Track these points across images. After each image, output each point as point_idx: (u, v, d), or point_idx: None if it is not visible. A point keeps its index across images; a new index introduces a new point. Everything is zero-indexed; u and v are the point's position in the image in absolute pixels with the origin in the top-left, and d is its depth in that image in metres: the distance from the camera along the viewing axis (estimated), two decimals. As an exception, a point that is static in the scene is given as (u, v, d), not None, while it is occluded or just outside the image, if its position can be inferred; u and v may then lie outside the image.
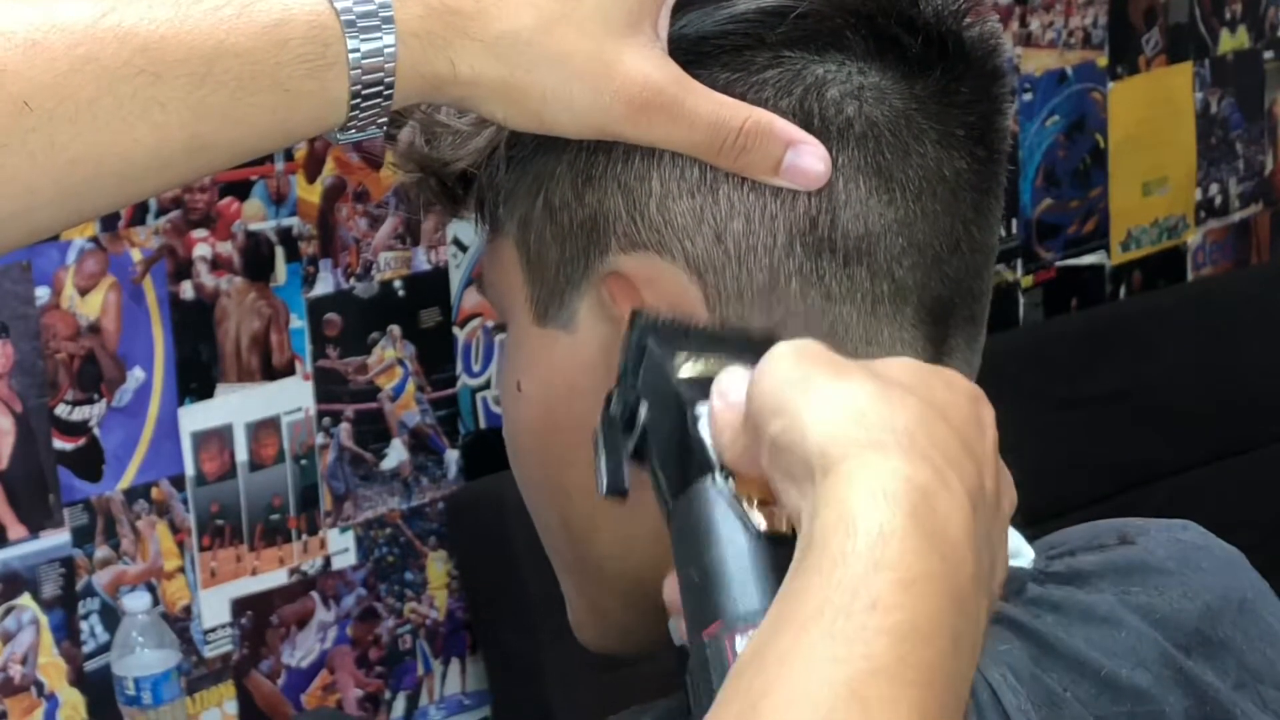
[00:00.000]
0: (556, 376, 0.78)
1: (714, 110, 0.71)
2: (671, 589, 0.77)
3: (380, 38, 0.68)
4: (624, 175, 0.75)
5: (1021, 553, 0.82)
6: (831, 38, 0.75)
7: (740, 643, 0.60)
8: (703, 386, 0.65)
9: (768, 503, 0.62)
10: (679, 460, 0.65)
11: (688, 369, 0.67)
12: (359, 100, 0.69)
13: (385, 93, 0.69)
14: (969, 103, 0.77)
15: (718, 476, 0.63)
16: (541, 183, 0.77)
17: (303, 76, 0.68)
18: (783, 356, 0.62)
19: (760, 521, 0.62)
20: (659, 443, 0.66)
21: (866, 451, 0.57)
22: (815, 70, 0.74)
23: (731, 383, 0.64)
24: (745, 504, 0.63)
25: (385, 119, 0.71)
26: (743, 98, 0.73)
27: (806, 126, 0.73)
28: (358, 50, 0.68)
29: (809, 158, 0.72)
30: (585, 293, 0.77)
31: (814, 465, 0.58)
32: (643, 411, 0.67)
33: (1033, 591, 0.79)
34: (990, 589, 0.60)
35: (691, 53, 0.74)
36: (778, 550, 0.61)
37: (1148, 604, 0.81)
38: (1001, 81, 0.79)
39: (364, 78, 0.68)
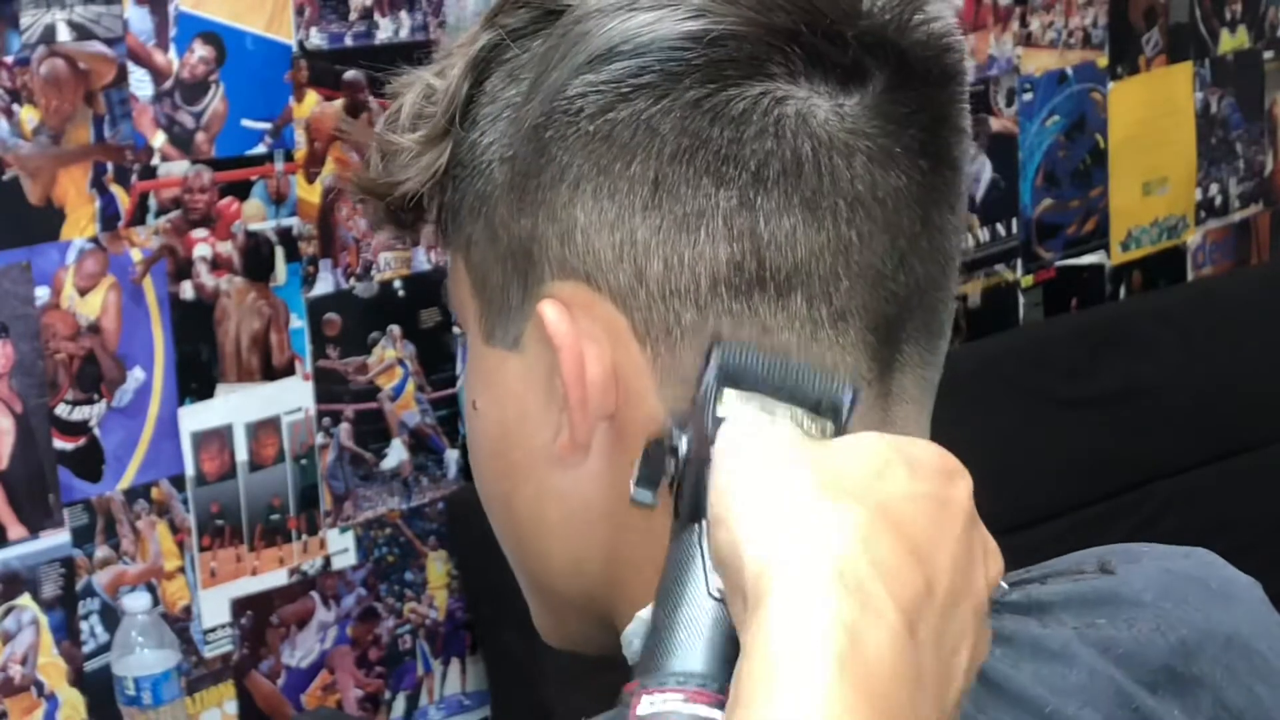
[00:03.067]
0: (507, 398, 0.78)
1: None
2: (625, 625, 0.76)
3: None
4: (554, 202, 0.74)
5: None
6: (753, 64, 0.72)
7: (645, 704, 0.59)
8: None
9: None
10: (691, 497, 0.65)
11: (726, 407, 0.65)
12: None
13: None
14: (909, 116, 0.74)
15: (703, 525, 0.63)
16: (482, 204, 0.76)
17: None
18: (730, 453, 0.61)
19: (721, 583, 0.61)
20: (687, 475, 0.65)
21: (795, 584, 0.56)
22: (735, 107, 0.72)
23: (727, 438, 0.63)
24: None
25: None
26: (666, 136, 0.72)
27: (721, 171, 0.71)
28: None
29: None
30: (529, 315, 0.76)
31: (747, 590, 0.58)
32: (683, 443, 0.66)
33: None
34: (944, 697, 0.59)
35: (611, 94, 0.72)
36: (729, 618, 0.61)
37: (1110, 638, 0.78)
38: (953, 82, 0.76)
39: None
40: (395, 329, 2.31)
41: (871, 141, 0.73)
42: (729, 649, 0.60)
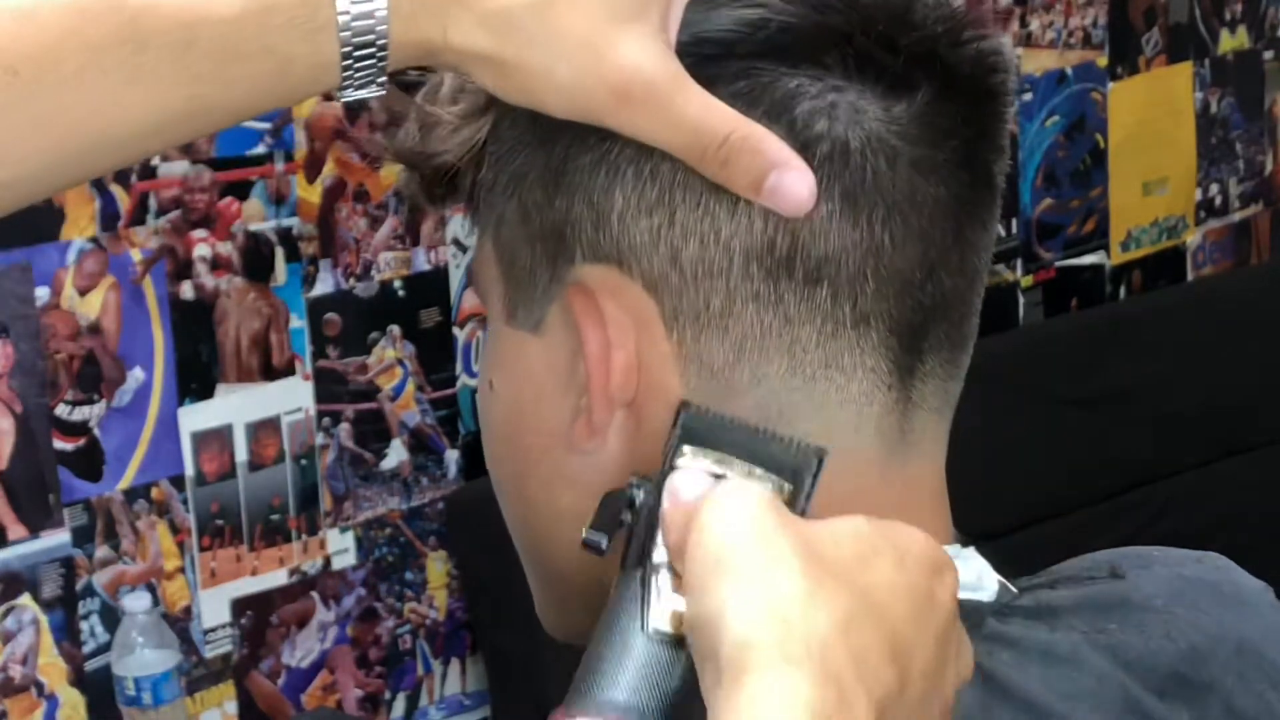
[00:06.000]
0: (524, 379, 0.78)
1: (701, 115, 0.70)
2: None
3: (371, 1, 0.68)
4: (590, 186, 0.74)
5: (983, 585, 0.78)
6: (808, 52, 0.73)
7: None
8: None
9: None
10: (640, 544, 0.65)
11: (686, 460, 0.66)
12: (352, 63, 0.69)
13: (379, 55, 0.69)
14: (952, 128, 0.74)
15: (649, 566, 0.64)
16: (517, 183, 0.77)
17: (292, 41, 0.68)
18: (722, 516, 0.60)
19: (659, 623, 0.62)
20: (639, 526, 0.66)
21: (776, 667, 0.56)
22: (787, 84, 0.72)
23: (683, 483, 0.63)
24: (655, 600, 0.63)
25: (384, 79, 0.71)
26: None
27: None
28: (347, 13, 0.68)
29: (794, 183, 0.70)
30: (554, 298, 0.76)
31: (724, 663, 0.57)
32: (639, 495, 0.67)
33: (991, 627, 0.76)
34: None
35: None
36: (662, 651, 0.62)
37: (1120, 643, 0.78)
38: (998, 102, 0.77)
39: (355, 39, 0.68)
40: (395, 329, 2.31)
41: (914, 148, 0.73)
42: (654, 687, 0.61)
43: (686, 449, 0.66)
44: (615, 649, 0.62)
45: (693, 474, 0.64)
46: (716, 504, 0.61)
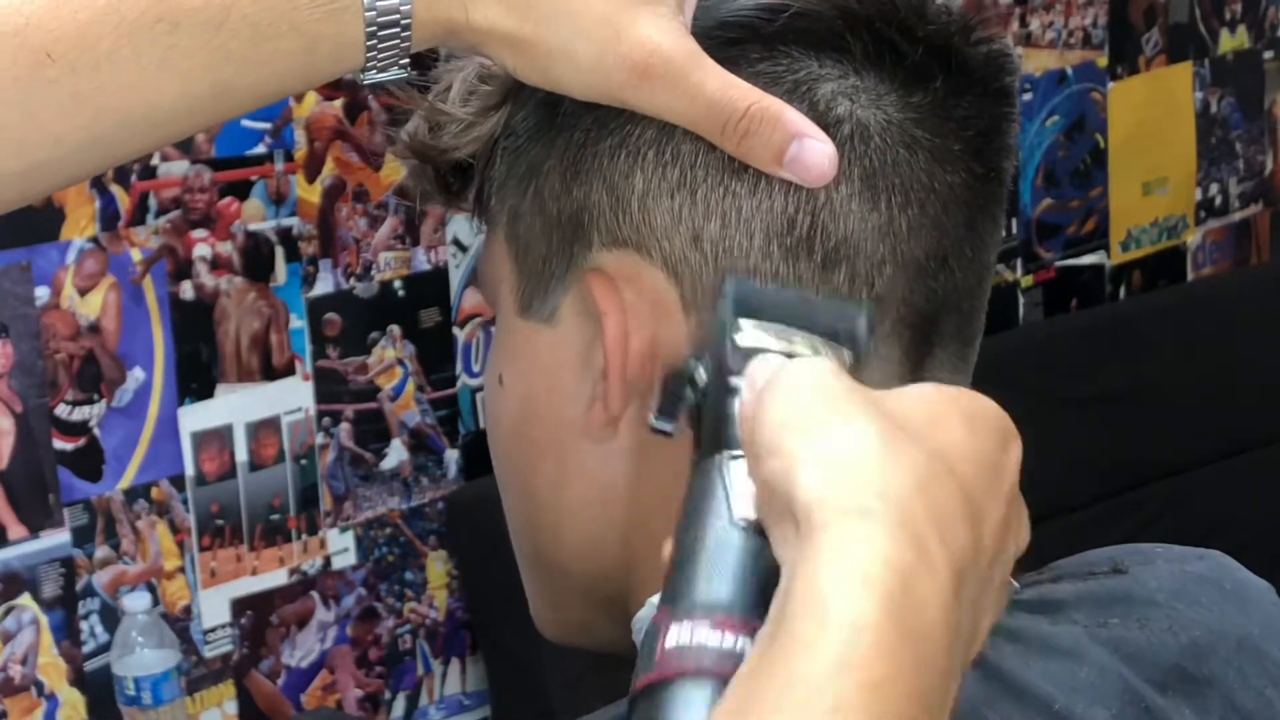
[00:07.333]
0: (536, 371, 0.78)
1: (720, 89, 0.70)
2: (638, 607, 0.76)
3: None
4: (609, 171, 0.75)
5: None
6: (829, 37, 0.74)
7: (674, 635, 0.59)
8: (751, 357, 0.64)
9: None
10: (713, 428, 0.64)
11: (746, 336, 0.64)
12: (376, 42, 0.70)
13: (403, 34, 0.70)
14: (967, 118, 0.75)
15: (725, 455, 0.62)
16: (532, 174, 0.77)
17: (318, 20, 0.69)
18: (791, 385, 0.59)
19: (746, 511, 0.61)
20: (707, 406, 0.65)
21: (850, 520, 0.55)
22: (809, 65, 0.73)
23: (762, 371, 0.62)
24: (736, 487, 0.61)
25: (407, 60, 0.72)
26: None
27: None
28: None
29: (815, 152, 0.71)
30: (569, 287, 0.76)
31: (799, 521, 0.56)
32: (700, 372, 0.65)
33: None
34: (965, 662, 0.58)
35: None
36: (751, 539, 0.60)
37: (1122, 637, 0.78)
38: (1007, 101, 0.78)
39: (379, 19, 0.69)
40: (395, 329, 2.31)
41: (933, 135, 0.74)
42: (752, 578, 0.60)
43: (744, 322, 0.64)
44: (704, 545, 0.61)
45: (768, 359, 0.63)
46: (785, 374, 0.60)
